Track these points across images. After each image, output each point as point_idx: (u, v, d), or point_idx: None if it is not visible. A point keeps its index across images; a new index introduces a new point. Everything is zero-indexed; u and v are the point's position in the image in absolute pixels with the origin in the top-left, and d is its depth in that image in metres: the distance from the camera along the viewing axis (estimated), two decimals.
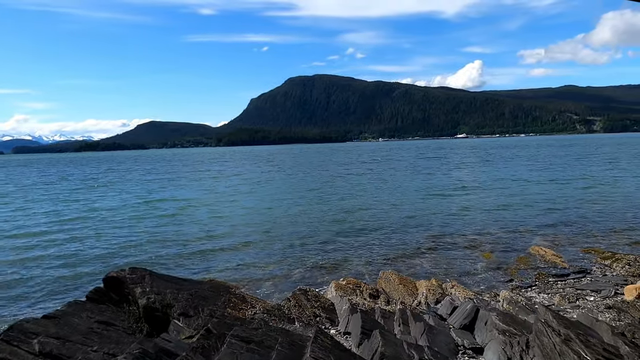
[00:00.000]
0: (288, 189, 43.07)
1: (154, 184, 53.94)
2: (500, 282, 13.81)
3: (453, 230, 21.43)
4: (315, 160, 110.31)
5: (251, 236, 21.61)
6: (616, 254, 15.92)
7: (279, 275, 15.20)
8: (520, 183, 41.36)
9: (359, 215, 26.57)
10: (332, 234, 21.66)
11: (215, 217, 27.54)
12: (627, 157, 77.66)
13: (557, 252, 16.68)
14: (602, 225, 21.49)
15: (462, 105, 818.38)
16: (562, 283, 13.18)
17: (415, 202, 31.03)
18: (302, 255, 17.83)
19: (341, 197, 35.24)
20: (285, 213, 28.39)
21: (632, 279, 12.91)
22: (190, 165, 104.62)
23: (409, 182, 46.70)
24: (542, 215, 24.81)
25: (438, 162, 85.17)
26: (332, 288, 12.24)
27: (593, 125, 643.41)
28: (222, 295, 9.30)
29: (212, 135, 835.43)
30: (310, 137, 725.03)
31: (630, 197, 30.32)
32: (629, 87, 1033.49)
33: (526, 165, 67.09)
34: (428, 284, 12.30)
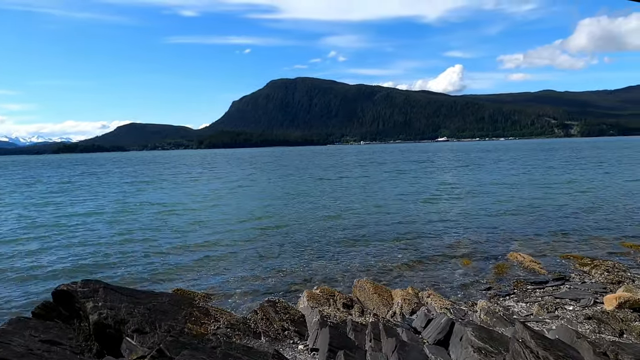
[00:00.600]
0: (268, 194, 42.43)
1: (132, 187, 52.83)
2: (478, 290, 13.44)
3: (432, 236, 21.07)
4: (297, 164, 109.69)
5: (226, 243, 20.94)
6: (595, 260, 15.70)
7: (251, 284, 14.62)
8: (502, 187, 41.35)
9: (339, 221, 26.09)
10: (310, 240, 21.13)
11: (191, 222, 26.78)
12: (607, 161, 78.60)
13: (535, 258, 16.40)
14: (582, 231, 21.34)
15: (443, 109, 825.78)
16: (541, 291, 12.85)
17: (396, 208, 30.66)
18: (278, 263, 17.26)
19: (321, 203, 34.72)
20: (263, 219, 27.75)
21: (611, 287, 12.64)
22: (170, 168, 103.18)
23: (390, 186, 46.42)
24: (522, 220, 24.61)
25: (420, 165, 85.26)
26: (304, 298, 11.72)
27: (570, 130, 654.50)
28: (183, 308, 8.71)
29: (193, 138, 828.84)
30: (292, 140, 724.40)
31: (610, 201, 30.37)
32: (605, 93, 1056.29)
33: (508, 169, 67.44)
34: (404, 293, 11.86)
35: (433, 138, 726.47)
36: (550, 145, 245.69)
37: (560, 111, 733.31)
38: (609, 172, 53.99)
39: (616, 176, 48.62)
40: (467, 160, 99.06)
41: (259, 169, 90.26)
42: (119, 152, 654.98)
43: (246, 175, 71.33)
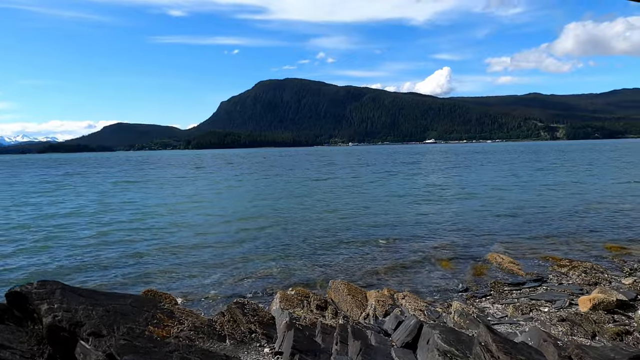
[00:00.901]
0: (252, 195, 42.11)
1: (115, 188, 52.17)
2: (455, 291, 13.29)
3: (414, 238, 20.89)
4: (285, 165, 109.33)
5: (206, 244, 20.62)
6: (573, 262, 15.64)
7: (226, 286, 14.35)
8: (487, 189, 41.45)
9: (322, 222, 25.88)
10: (291, 241, 20.88)
11: (172, 223, 26.38)
12: (593, 164, 79.31)
13: (514, 259, 16.31)
14: (564, 232, 21.31)
15: (431, 111, 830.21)
16: (518, 292, 12.74)
17: (380, 209, 30.50)
18: (256, 264, 16.99)
19: (306, 204, 34.51)
20: (245, 220, 27.47)
21: (587, 288, 12.56)
22: (156, 169, 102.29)
23: (377, 188, 46.35)
24: (504, 221, 24.57)
25: (408, 167, 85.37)
26: (277, 299, 11.49)
27: (556, 132, 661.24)
28: (146, 310, 8.42)
29: (181, 138, 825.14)
30: (280, 141, 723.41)
31: (593, 204, 30.48)
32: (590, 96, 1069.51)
33: (495, 171, 67.73)
34: (378, 295, 11.66)
35: (421, 140, 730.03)
36: (536, 147, 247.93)
37: (547, 114, 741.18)
38: (593, 175, 54.40)
39: (600, 178, 48.96)
40: (455, 162, 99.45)
41: (246, 169, 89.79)
42: (105, 152, 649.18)
43: (232, 176, 70.89)
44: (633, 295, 11.25)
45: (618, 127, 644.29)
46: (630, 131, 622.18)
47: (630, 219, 23.90)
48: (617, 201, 30.75)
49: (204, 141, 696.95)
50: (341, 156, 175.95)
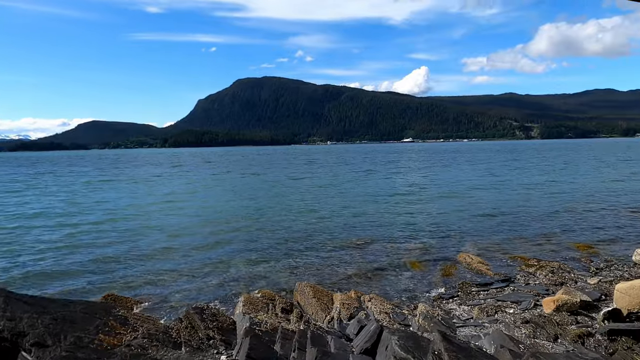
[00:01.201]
0: (226, 196, 41.64)
1: (88, 187, 51.03)
2: (422, 292, 13.20)
3: (386, 238, 20.78)
4: (263, 164, 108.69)
5: (174, 246, 20.21)
6: (541, 262, 15.71)
7: (191, 288, 14.01)
8: (462, 188, 41.76)
9: (295, 223, 25.64)
10: (262, 242, 20.59)
11: (143, 225, 25.76)
12: (566, 163, 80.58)
13: (484, 259, 16.33)
14: (534, 232, 21.46)
15: (409, 110, 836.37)
16: (485, 293, 12.70)
17: (354, 208, 30.40)
18: (224, 266, 16.66)
19: (282, 203, 34.29)
20: (218, 220, 27.12)
21: (553, 288, 12.58)
22: (132, 167, 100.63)
23: (353, 187, 46.29)
24: (477, 221, 24.68)
25: (386, 167, 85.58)
26: (240, 303, 11.23)
27: (531, 132, 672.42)
28: (98, 318, 8.08)
29: (158, 136, 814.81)
30: (258, 140, 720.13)
31: (565, 203, 30.88)
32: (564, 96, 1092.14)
33: (470, 170, 68.34)
34: (344, 297, 11.49)
35: (399, 139, 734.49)
36: (512, 146, 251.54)
37: (522, 114, 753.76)
38: (567, 174, 55.24)
39: (574, 178, 49.73)
40: (433, 161, 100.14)
41: (223, 168, 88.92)
42: (80, 151, 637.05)
43: (208, 175, 70.13)
44: (597, 295, 11.29)
45: (590, 126, 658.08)
46: (602, 131, 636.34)
47: (600, 219, 24.21)
48: (589, 201, 31.18)
49: (181, 139, 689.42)
50: (320, 155, 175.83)
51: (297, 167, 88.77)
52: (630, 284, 9.37)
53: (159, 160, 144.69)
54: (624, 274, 13.95)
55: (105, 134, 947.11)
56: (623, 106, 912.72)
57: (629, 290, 9.24)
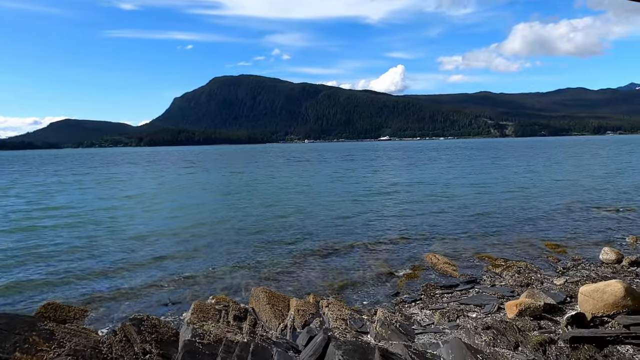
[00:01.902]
0: (197, 195, 40.73)
1: (55, 187, 49.35)
2: (385, 296, 12.67)
3: (355, 238, 20.18)
4: (238, 163, 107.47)
5: (131, 248, 19.31)
6: (508, 261, 15.35)
7: (141, 295, 13.22)
8: (435, 186, 41.55)
9: (262, 223, 24.90)
10: (225, 244, 19.81)
11: (105, 226, 24.70)
12: (538, 160, 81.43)
13: (451, 259, 15.90)
14: (504, 230, 21.17)
15: (386, 108, 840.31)
16: (449, 296, 12.23)
17: (325, 208, 29.81)
18: (181, 269, 15.84)
19: (250, 204, 33.53)
20: (182, 222, 26.28)
21: (519, 289, 12.18)
22: (103, 167, 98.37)
23: (329, 186, 45.78)
24: (447, 219, 24.29)
25: (362, 164, 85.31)
26: (189, 312, 10.52)
27: (505, 130, 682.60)
28: (18, 333, 7.32)
29: (133, 135, 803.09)
30: (235, 138, 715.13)
31: (535, 200, 30.81)
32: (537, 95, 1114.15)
33: (447, 167, 68.50)
34: (300, 303, 10.86)
35: (376, 137, 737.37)
36: (488, 144, 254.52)
37: (496, 112, 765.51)
38: (536, 172, 55.65)
39: (543, 175, 50.05)
40: (410, 160, 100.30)
41: (197, 167, 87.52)
42: (52, 150, 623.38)
43: (180, 174, 68.82)
44: (562, 297, 10.89)
45: (563, 124, 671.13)
46: (574, 128, 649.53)
47: (570, 217, 24.05)
48: (559, 198, 31.15)
49: (157, 138, 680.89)
50: (297, 153, 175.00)
51: (274, 165, 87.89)
52: (594, 287, 8.97)
53: (133, 160, 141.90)
54: (590, 274, 13.65)
55: (78, 133, 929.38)
56: (594, 105, 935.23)
57: (592, 293, 8.84)
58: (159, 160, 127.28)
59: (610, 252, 15.06)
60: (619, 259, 14.75)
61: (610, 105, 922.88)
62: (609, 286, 8.75)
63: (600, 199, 30.17)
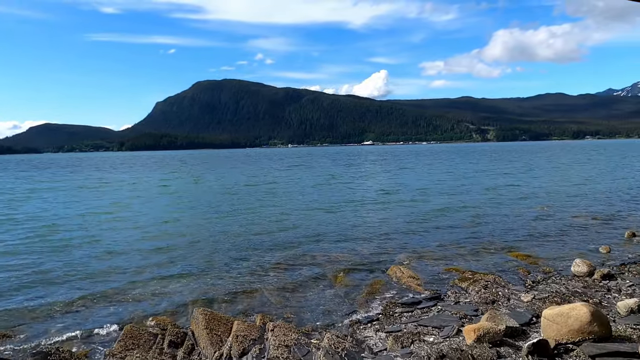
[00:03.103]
0: (166, 204, 39.51)
1: (24, 195, 47.50)
2: (341, 315, 11.73)
3: (320, 249, 19.07)
4: (221, 167, 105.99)
5: (87, 264, 18.08)
6: (476, 274, 14.54)
7: (79, 316, 12.06)
8: (411, 193, 40.86)
9: (224, 232, 23.84)
10: (181, 256, 18.65)
11: (62, 240, 23.33)
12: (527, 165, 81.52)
13: (417, 272, 15.04)
14: (474, 239, 20.37)
15: (369, 113, 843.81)
16: (409, 315, 11.34)
17: (293, 216, 28.75)
18: (127, 284, 14.76)
19: (218, 212, 32.51)
20: (142, 232, 25.03)
21: (483, 307, 11.34)
22: (82, 172, 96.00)
23: (301, 192, 44.89)
24: (418, 228, 23.39)
25: (348, 169, 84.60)
26: (118, 338, 9.49)
27: (487, 134, 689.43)
28: None
29: (114, 140, 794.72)
30: (218, 143, 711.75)
31: (510, 208, 30.26)
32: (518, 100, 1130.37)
33: (424, 174, 68.09)
34: (244, 327, 9.86)
35: (359, 141, 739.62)
36: (470, 149, 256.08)
37: (478, 117, 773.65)
38: (513, 177, 55.44)
39: (520, 181, 49.76)
40: (394, 165, 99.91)
41: (183, 173, 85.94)
42: (31, 155, 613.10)
43: (159, 180, 67.35)
44: (528, 317, 10.06)
45: (543, 129, 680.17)
46: (554, 133, 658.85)
47: (543, 225, 23.36)
48: (534, 206, 30.63)
49: (139, 143, 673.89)
50: (281, 157, 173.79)
51: (254, 171, 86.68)
52: (558, 310, 8.14)
53: (114, 164, 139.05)
54: (560, 288, 12.89)
55: (58, 138, 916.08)
56: (573, 110, 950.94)
57: (556, 317, 8.01)
58: (140, 165, 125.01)
59: (582, 264, 14.33)
60: (591, 272, 14.03)
61: (589, 110, 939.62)
62: (574, 310, 7.92)
63: (576, 206, 29.64)
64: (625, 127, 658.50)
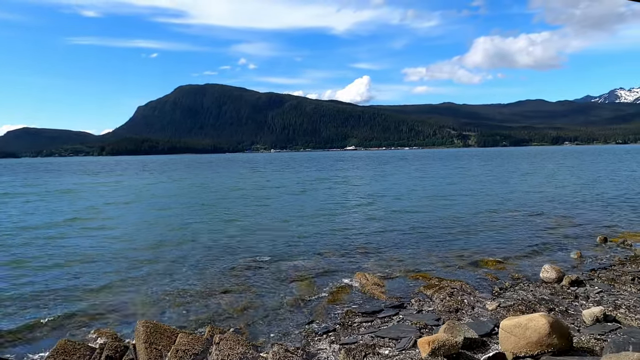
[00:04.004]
0: (139, 210, 38.53)
1: None
2: (297, 325, 11.09)
3: (280, 256, 18.24)
4: (202, 173, 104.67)
5: (41, 275, 17.28)
6: (443, 281, 14.04)
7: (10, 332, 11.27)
8: (387, 198, 40.45)
9: (192, 237, 23.13)
10: (137, 265, 17.84)
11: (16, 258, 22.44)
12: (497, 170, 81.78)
13: (382, 278, 14.52)
14: (446, 245, 19.94)
15: (351, 118, 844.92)
16: (368, 325, 10.75)
17: (261, 223, 28.16)
18: (77, 293, 13.98)
19: (191, 217, 31.72)
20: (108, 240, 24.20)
21: (446, 316, 10.83)
22: (60, 177, 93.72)
23: (277, 197, 44.22)
24: (389, 233, 22.92)
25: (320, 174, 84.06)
26: (47, 354, 8.74)
27: (468, 140, 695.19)
28: None
29: (95, 144, 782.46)
30: (200, 148, 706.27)
31: (485, 211, 29.96)
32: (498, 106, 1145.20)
33: (407, 178, 67.90)
34: (187, 340, 9.18)
35: (342, 147, 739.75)
36: (451, 154, 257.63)
37: (459, 122, 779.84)
38: (489, 181, 55.43)
39: (495, 184, 49.73)
40: (369, 169, 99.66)
41: (165, 178, 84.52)
42: (8, 159, 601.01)
43: (139, 185, 66.01)
44: (490, 327, 9.55)
45: (524, 135, 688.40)
46: (534, 139, 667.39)
47: (517, 231, 22.99)
48: (509, 210, 30.43)
49: (120, 147, 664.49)
50: (263, 163, 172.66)
51: (234, 176, 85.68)
52: (516, 321, 7.63)
53: (92, 169, 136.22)
54: (527, 295, 12.44)
55: (37, 142, 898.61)
56: (552, 116, 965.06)
57: (514, 329, 7.50)
58: (122, 170, 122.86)
59: (551, 269, 13.93)
60: (560, 278, 13.63)
61: (568, 117, 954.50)
62: (532, 321, 7.42)
63: (550, 211, 29.45)
64: (602, 133, 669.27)
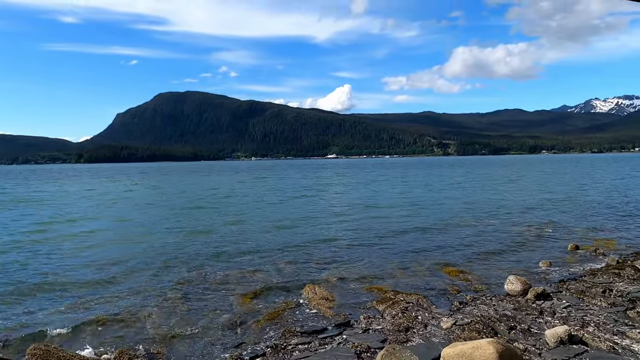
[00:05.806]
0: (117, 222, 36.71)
1: None
2: (226, 348, 9.68)
3: (230, 267, 16.76)
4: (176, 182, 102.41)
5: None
6: (399, 294, 12.80)
7: None
8: (359, 207, 39.24)
9: (137, 251, 21.57)
10: (65, 279, 16.27)
11: None
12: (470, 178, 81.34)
13: (334, 292, 13.21)
14: (410, 254, 18.70)
15: (332, 126, 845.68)
16: (304, 347, 9.39)
17: (218, 232, 26.71)
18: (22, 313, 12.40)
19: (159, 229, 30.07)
20: (68, 255, 22.49)
21: (393, 336, 9.54)
22: (30, 185, 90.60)
23: (238, 207, 42.75)
24: (350, 242, 21.50)
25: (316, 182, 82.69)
26: None
27: (448, 149, 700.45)
28: None
29: (72, 151, 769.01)
30: (180, 155, 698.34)
31: (456, 219, 28.92)
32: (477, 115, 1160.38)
33: (379, 186, 66.93)
34: None
35: (323, 155, 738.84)
36: (432, 162, 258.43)
37: (439, 131, 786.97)
38: (462, 188, 54.70)
39: (467, 190, 48.93)
40: (347, 176, 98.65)
41: (141, 185, 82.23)
42: None
43: (113, 193, 63.83)
44: (436, 353, 8.21)
45: (502, 144, 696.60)
46: (513, 147, 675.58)
47: (486, 239, 21.82)
48: (477, 218, 29.44)
49: (98, 154, 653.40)
50: (244, 171, 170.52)
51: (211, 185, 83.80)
52: (459, 350, 6.38)
53: (68, 176, 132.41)
54: (488, 311, 11.24)
55: (13, 149, 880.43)
56: (530, 125, 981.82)
57: (456, 358, 6.24)
58: (99, 177, 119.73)
59: (516, 281, 12.78)
60: (525, 290, 12.50)
61: (545, 126, 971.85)
62: (478, 349, 6.17)
63: (520, 218, 28.51)
64: (578, 142, 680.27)
